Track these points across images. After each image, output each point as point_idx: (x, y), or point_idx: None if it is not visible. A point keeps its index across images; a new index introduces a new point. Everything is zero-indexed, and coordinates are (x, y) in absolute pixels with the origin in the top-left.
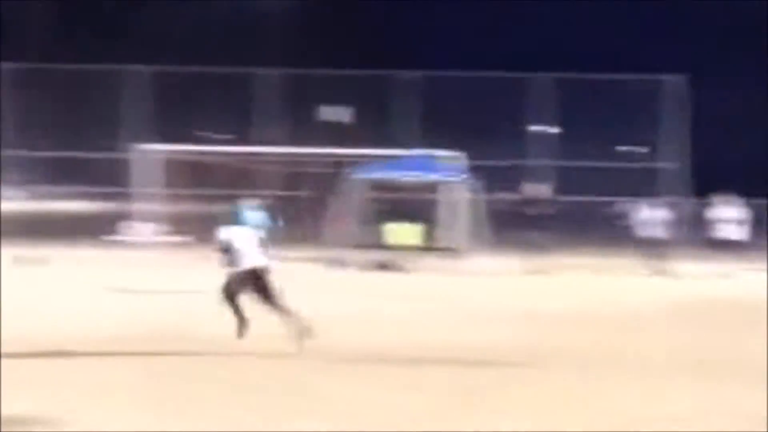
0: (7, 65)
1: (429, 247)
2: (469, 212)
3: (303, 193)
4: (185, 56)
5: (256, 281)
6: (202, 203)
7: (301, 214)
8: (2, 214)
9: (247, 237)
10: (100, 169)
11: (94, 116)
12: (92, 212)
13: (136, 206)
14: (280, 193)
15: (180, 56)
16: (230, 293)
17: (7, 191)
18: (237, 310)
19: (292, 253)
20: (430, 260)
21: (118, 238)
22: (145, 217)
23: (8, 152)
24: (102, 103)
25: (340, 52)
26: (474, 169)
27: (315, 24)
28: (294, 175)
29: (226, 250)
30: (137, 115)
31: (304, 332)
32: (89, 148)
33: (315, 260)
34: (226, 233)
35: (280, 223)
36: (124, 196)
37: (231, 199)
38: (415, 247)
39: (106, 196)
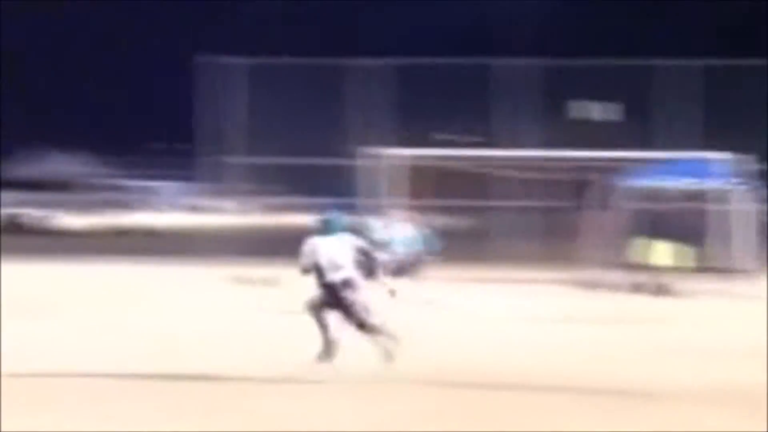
0: (230, 60)
1: (702, 267)
2: (752, 225)
3: (554, 204)
4: (416, 47)
5: (338, 295)
6: (439, 216)
7: (552, 227)
8: (222, 228)
9: (337, 248)
10: (331, 178)
11: (323, 117)
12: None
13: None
14: (525, 203)
15: (409, 47)
16: (315, 308)
17: (227, 202)
18: (323, 329)
19: (544, 273)
20: (706, 282)
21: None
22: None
23: (229, 159)
24: (331, 102)
25: (595, 40)
26: (761, 175)
27: (568, 9)
28: (542, 182)
29: (310, 264)
30: (371, 115)
31: (389, 354)
32: (319, 154)
33: (566, 282)
34: (311, 245)
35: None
36: (357, 208)
37: (474, 211)
38: (685, 267)
39: (339, 209)
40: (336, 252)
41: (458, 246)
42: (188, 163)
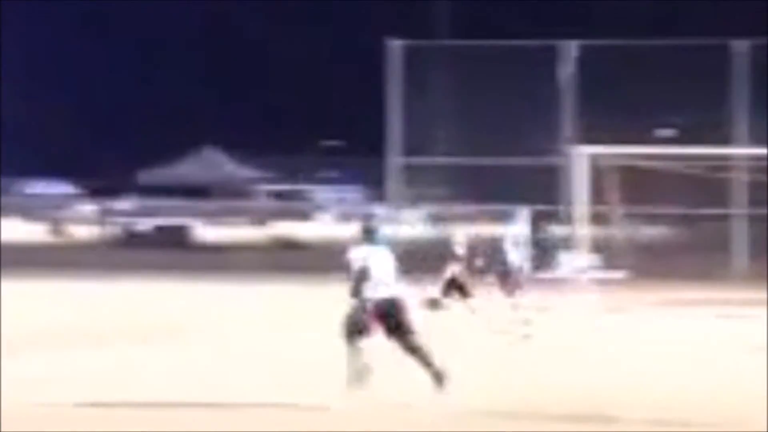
0: (402, 43)
1: None
2: None
3: None
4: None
5: (389, 316)
6: (640, 224)
7: None
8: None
9: (382, 260)
10: (522, 180)
11: (518, 109)
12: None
13: (566, 230)
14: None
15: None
16: (354, 330)
17: (409, 211)
18: (355, 355)
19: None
20: None
21: (547, 274)
22: (574, 245)
23: (410, 160)
24: (527, 91)
25: None
26: None
27: None
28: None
29: (362, 275)
30: (564, 107)
31: (440, 380)
32: (501, 153)
33: None
34: (359, 253)
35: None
36: (552, 217)
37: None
38: None
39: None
40: (384, 265)
41: (657, 260)
42: (353, 163)
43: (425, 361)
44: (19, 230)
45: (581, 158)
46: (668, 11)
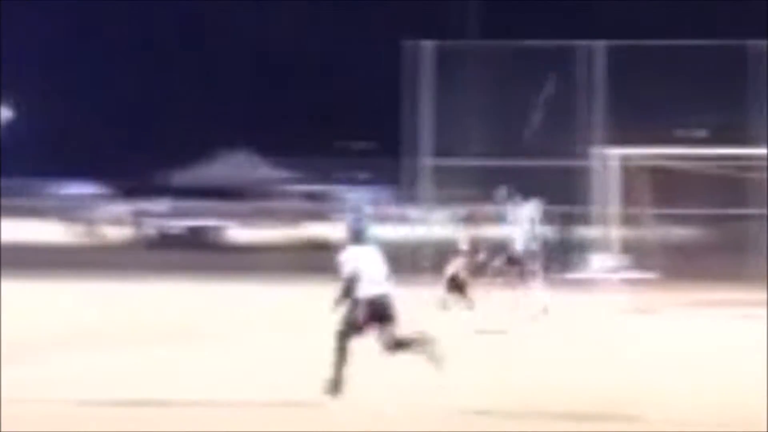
0: (432, 44)
1: None
2: None
3: None
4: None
5: (379, 313)
6: (669, 224)
7: None
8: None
9: (372, 259)
10: (550, 181)
11: (534, 109)
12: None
13: (595, 231)
14: None
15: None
16: (348, 331)
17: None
18: (342, 357)
19: None
20: None
21: (576, 274)
22: (603, 246)
23: (434, 161)
24: (544, 90)
25: None
26: None
27: None
28: None
29: (354, 276)
30: (591, 108)
31: (438, 359)
32: (530, 154)
33: None
34: (350, 254)
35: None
36: (581, 218)
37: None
38: None
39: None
40: (374, 264)
41: (686, 261)
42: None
43: (413, 347)
44: (54, 231)
45: (610, 159)
46: (693, 11)
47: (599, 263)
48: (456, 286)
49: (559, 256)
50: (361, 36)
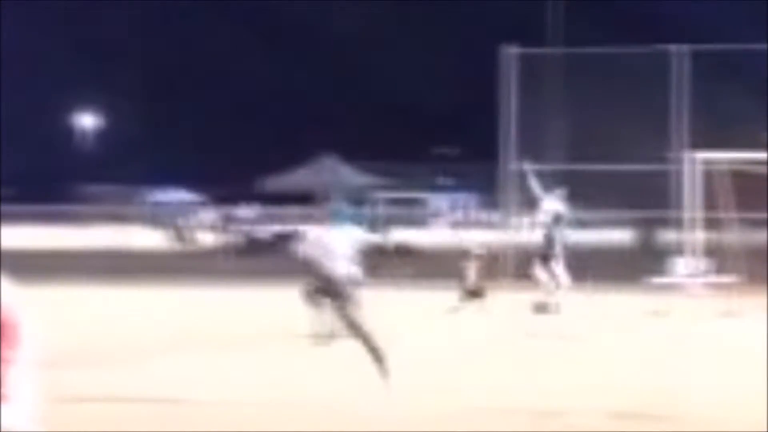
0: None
1: None
2: None
3: None
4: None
5: (335, 289)
6: (753, 229)
7: None
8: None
9: (344, 239)
10: (633, 185)
11: (615, 114)
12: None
13: (679, 235)
14: None
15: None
16: (316, 296)
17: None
18: (320, 316)
19: None
20: None
21: (661, 278)
22: (687, 250)
23: (515, 165)
24: (625, 96)
25: None
26: None
27: None
28: None
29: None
30: (675, 112)
31: (382, 367)
32: (615, 159)
33: None
34: (315, 234)
35: None
36: (666, 222)
37: None
38: None
39: (645, 222)
40: (338, 244)
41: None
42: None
43: (367, 343)
44: (145, 238)
45: (695, 164)
46: None
47: (683, 267)
48: (471, 291)
49: (644, 260)
50: (447, 43)
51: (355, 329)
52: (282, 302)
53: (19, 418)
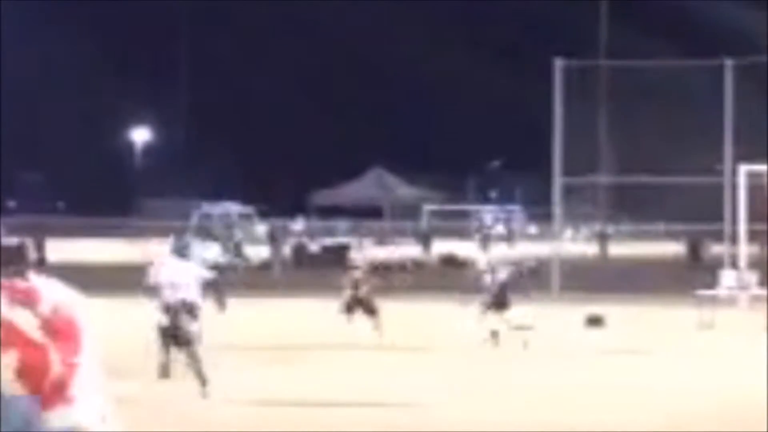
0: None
1: None
2: None
3: None
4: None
5: (175, 317)
6: None
7: None
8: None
9: (185, 271)
10: (683, 198)
11: (665, 126)
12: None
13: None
14: None
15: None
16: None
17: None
18: (164, 350)
19: None
20: None
21: (707, 291)
22: (733, 262)
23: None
24: (675, 108)
25: None
26: None
27: None
28: None
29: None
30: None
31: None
32: (664, 172)
33: None
34: (168, 264)
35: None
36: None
37: None
38: None
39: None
40: (186, 275)
41: None
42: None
43: (196, 368)
44: (198, 251)
45: (743, 176)
46: None
47: (732, 280)
48: (360, 302)
49: (693, 273)
50: (497, 58)
51: (190, 353)
52: (326, 314)
53: (87, 417)
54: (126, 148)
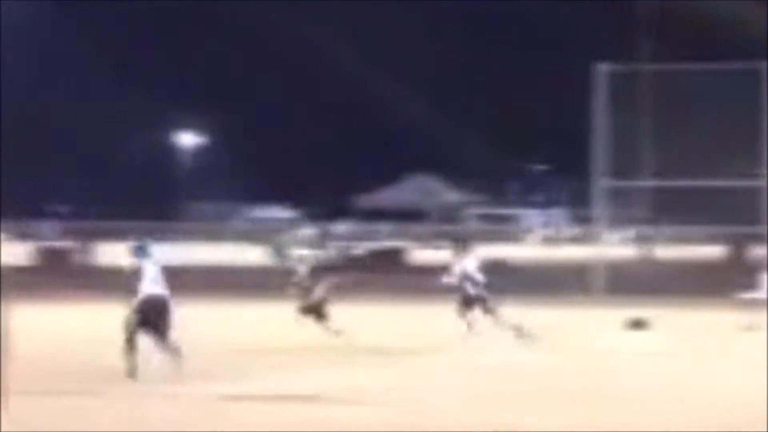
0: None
1: None
2: None
3: None
4: None
5: (153, 309)
6: None
7: None
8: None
9: (151, 268)
10: (723, 201)
11: (705, 129)
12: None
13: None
14: None
15: None
16: (131, 325)
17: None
18: (130, 347)
19: None
20: None
21: (748, 294)
22: None
23: (605, 181)
24: (715, 112)
25: None
26: None
27: None
28: None
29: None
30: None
31: (179, 367)
32: (705, 175)
33: None
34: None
35: None
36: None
37: None
38: None
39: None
40: (153, 272)
41: None
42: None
43: (171, 350)
44: (244, 254)
45: None
46: None
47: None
48: (310, 309)
49: (734, 276)
50: (540, 61)
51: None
52: (375, 317)
53: None
54: (174, 152)
